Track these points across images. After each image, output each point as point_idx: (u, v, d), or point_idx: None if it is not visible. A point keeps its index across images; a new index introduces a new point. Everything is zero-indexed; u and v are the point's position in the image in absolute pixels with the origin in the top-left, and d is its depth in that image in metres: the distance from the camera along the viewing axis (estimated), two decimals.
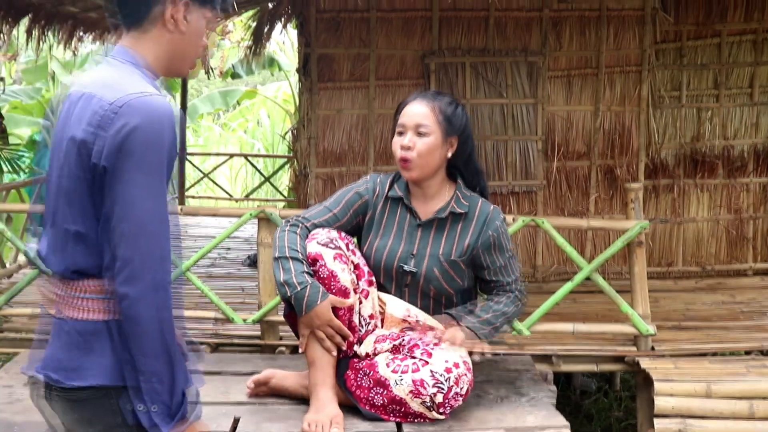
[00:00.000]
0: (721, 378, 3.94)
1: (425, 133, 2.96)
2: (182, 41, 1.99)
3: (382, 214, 3.10)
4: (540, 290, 6.00)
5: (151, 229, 1.83)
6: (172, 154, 1.88)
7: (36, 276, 4.48)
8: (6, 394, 3.24)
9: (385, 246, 3.05)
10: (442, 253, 3.02)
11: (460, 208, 3.04)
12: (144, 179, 1.82)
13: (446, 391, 2.78)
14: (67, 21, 7.83)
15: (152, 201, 1.83)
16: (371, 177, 3.18)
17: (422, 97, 3.05)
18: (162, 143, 1.83)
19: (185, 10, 1.96)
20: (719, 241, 6.59)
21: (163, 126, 1.83)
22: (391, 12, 6.20)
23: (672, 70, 6.47)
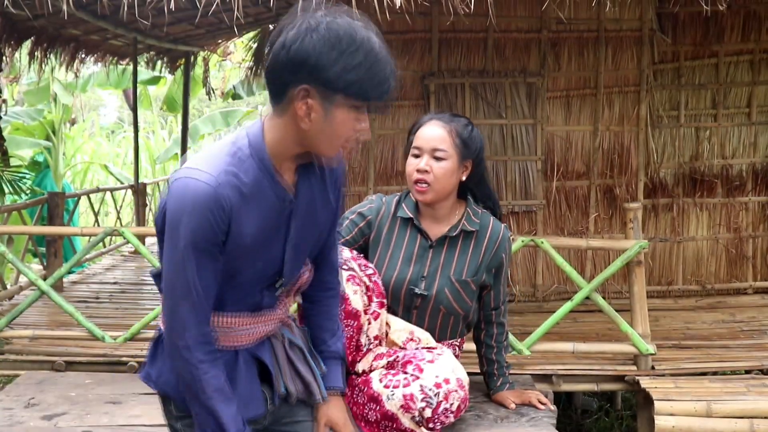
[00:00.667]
0: (721, 397, 3.94)
1: (442, 158, 2.92)
2: (314, 131, 1.97)
3: (390, 235, 3.08)
4: (540, 309, 6.03)
5: (171, 296, 2.01)
6: (206, 235, 1.95)
7: (37, 297, 4.50)
8: (6, 417, 3.24)
9: (394, 268, 3.03)
10: (453, 273, 3.02)
11: (471, 227, 3.03)
12: (169, 252, 1.99)
13: (435, 405, 2.75)
14: (69, 43, 7.90)
15: (175, 274, 1.98)
16: (376, 197, 3.16)
17: (438, 119, 3.00)
18: (179, 225, 1.94)
19: (309, 106, 1.93)
20: (719, 260, 6.60)
21: (183, 211, 1.93)
22: (390, 33, 6.23)
23: (670, 90, 6.51)
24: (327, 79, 1.89)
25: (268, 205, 2.04)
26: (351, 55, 1.89)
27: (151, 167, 16.36)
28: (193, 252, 1.96)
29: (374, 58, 1.92)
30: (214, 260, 1.99)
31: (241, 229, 2.01)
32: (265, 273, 2.14)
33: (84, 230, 4.84)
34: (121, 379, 3.93)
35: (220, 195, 1.93)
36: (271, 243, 2.10)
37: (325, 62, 1.88)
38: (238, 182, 1.97)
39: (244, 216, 2.00)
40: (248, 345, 2.19)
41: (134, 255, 8.76)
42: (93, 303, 6.19)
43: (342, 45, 1.89)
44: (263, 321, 2.20)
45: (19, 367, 4.37)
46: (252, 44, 9.01)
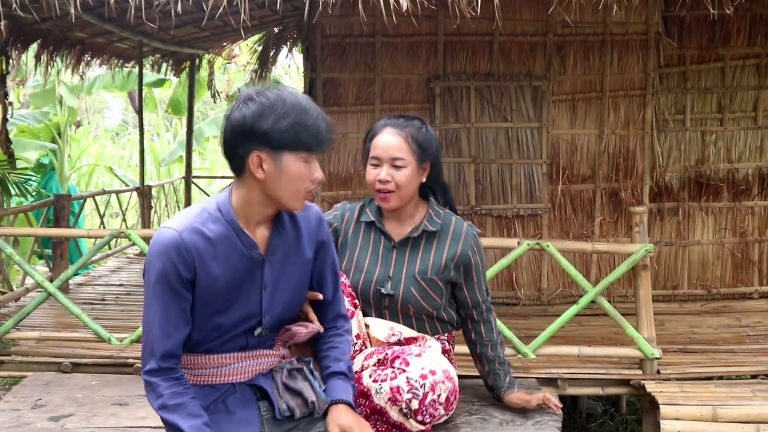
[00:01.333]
0: (727, 402, 3.93)
1: (401, 166, 2.94)
2: (272, 185, 2.29)
3: (355, 239, 3.10)
4: (545, 313, 6.03)
5: (143, 331, 2.32)
6: (176, 274, 2.26)
7: (43, 299, 4.51)
8: (14, 418, 3.25)
9: (361, 271, 3.06)
10: (418, 272, 3.04)
11: (433, 226, 3.05)
12: (145, 292, 2.31)
13: (421, 397, 2.75)
14: (75, 46, 7.92)
15: (150, 312, 2.28)
16: (341, 205, 3.19)
17: (392, 126, 2.99)
18: (150, 268, 2.28)
19: (259, 161, 2.25)
20: (724, 264, 6.59)
21: (156, 255, 2.26)
22: (396, 37, 6.26)
23: (676, 94, 6.51)
24: (270, 141, 2.23)
25: (236, 254, 2.33)
26: (283, 117, 2.22)
27: (156, 170, 16.38)
28: (157, 288, 2.26)
29: (305, 114, 2.25)
30: (180, 299, 2.28)
31: (209, 271, 2.29)
32: (245, 318, 2.40)
33: (90, 232, 4.85)
34: (126, 380, 3.93)
35: (184, 239, 2.25)
36: (247, 291, 2.38)
37: (264, 126, 2.22)
38: (203, 230, 2.29)
39: (212, 261, 2.29)
40: (245, 380, 2.45)
41: (140, 257, 8.77)
42: (99, 305, 6.20)
43: (275, 109, 2.23)
44: (255, 356, 2.46)
45: (26, 368, 4.38)
46: (257, 47, 9.02)
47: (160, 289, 2.26)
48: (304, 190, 2.32)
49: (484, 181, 6.32)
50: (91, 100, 21.32)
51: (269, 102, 2.24)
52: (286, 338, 2.54)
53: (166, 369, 2.27)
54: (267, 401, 2.47)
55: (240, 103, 2.27)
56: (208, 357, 2.41)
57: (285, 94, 2.27)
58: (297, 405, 2.45)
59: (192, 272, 2.27)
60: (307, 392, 2.47)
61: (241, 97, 2.29)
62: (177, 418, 2.24)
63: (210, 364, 2.41)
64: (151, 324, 2.28)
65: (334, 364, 2.57)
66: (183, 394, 2.28)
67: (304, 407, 2.46)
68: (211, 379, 2.42)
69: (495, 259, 6.05)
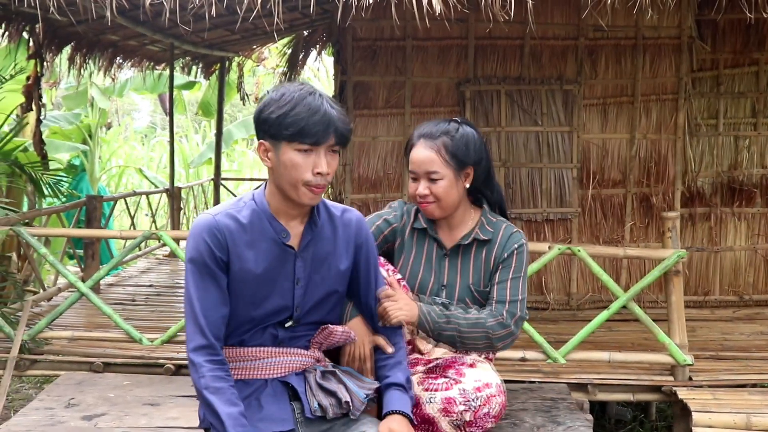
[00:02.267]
0: (761, 410, 3.89)
1: (437, 179, 2.90)
2: (276, 174, 2.40)
3: (411, 242, 3.07)
4: (574, 318, 5.99)
5: (187, 316, 2.40)
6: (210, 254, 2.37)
7: (76, 299, 4.56)
8: (48, 416, 3.28)
9: (415, 278, 3.03)
10: (472, 283, 2.99)
11: (485, 235, 2.98)
12: (185, 275, 2.41)
13: (475, 410, 2.73)
14: (107, 49, 7.99)
15: (189, 293, 2.39)
16: (398, 204, 3.14)
17: (425, 138, 2.94)
18: (187, 250, 2.41)
19: (263, 149, 2.40)
20: (757, 271, 6.52)
21: (192, 237, 2.40)
22: (426, 40, 6.26)
23: (709, 98, 6.45)
24: (269, 131, 2.36)
25: (267, 240, 2.42)
26: (282, 108, 2.32)
27: (185, 171, 16.50)
28: (194, 268, 2.38)
29: (302, 106, 2.32)
30: (216, 278, 2.38)
31: (242, 254, 2.39)
32: (277, 310, 2.47)
33: (123, 233, 4.89)
34: (158, 380, 3.96)
35: (217, 222, 2.39)
36: (280, 284, 2.45)
37: (266, 117, 2.35)
38: (237, 216, 2.41)
39: (245, 245, 2.39)
40: (278, 376, 2.48)
41: (169, 258, 8.84)
42: (129, 305, 6.25)
43: (278, 102, 2.34)
44: (289, 354, 2.51)
45: (58, 367, 4.43)
46: (286, 50, 9.05)
47: (195, 268, 2.37)
48: (302, 182, 2.36)
49: (514, 185, 6.30)
50: (121, 102, 21.55)
51: (276, 95, 2.37)
52: (322, 338, 2.56)
53: (208, 347, 2.34)
54: (299, 402, 2.49)
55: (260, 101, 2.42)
56: (241, 349, 2.46)
57: (292, 88, 2.37)
58: (330, 404, 2.46)
59: (225, 253, 2.38)
60: (341, 392, 2.47)
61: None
62: (216, 401, 2.29)
63: (244, 357, 2.46)
64: (191, 304, 2.37)
65: (392, 374, 2.59)
66: (224, 379, 2.33)
67: (337, 407, 2.47)
68: (245, 373, 2.46)
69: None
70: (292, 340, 2.52)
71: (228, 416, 2.27)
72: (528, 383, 4.01)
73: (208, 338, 2.34)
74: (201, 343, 2.34)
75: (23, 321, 4.45)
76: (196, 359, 2.33)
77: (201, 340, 2.34)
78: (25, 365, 4.46)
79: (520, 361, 4.27)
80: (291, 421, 2.45)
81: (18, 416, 3.30)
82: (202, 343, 2.34)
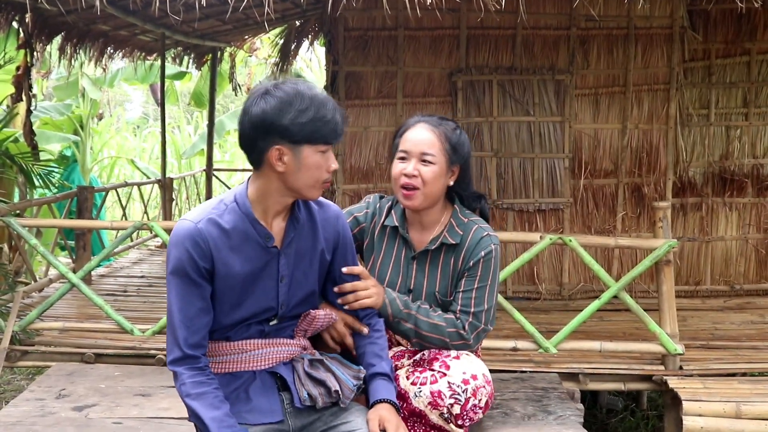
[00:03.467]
0: (750, 399, 3.90)
1: (430, 162, 2.80)
2: (291, 178, 2.34)
3: (381, 242, 2.99)
4: (566, 308, 6.01)
5: (168, 325, 2.37)
6: (193, 263, 2.32)
7: (67, 290, 4.55)
8: (39, 407, 3.28)
9: (383, 278, 2.95)
10: (438, 290, 2.92)
11: (453, 239, 2.87)
12: (170, 280, 2.36)
13: (463, 402, 2.74)
14: (98, 39, 7.96)
15: (170, 302, 2.35)
16: (373, 200, 3.05)
17: (426, 122, 2.87)
18: (168, 259, 2.36)
19: (279, 154, 2.31)
20: (748, 260, 6.54)
21: (174, 245, 2.34)
22: (418, 30, 6.24)
23: (700, 89, 6.46)
24: (291, 136, 2.28)
25: (251, 244, 2.39)
26: (304, 111, 2.28)
27: (177, 162, 16.46)
28: (176, 278, 2.33)
29: (324, 108, 2.30)
30: (198, 288, 2.34)
31: (226, 261, 2.35)
32: (261, 310, 2.45)
33: (114, 224, 4.88)
34: (149, 371, 3.95)
35: (199, 229, 2.32)
36: (264, 283, 2.43)
37: (284, 121, 2.27)
38: (219, 221, 2.35)
39: (228, 251, 2.36)
40: (265, 367, 2.48)
41: (161, 249, 8.83)
42: (121, 296, 6.24)
43: (295, 104, 2.27)
44: (275, 344, 2.50)
45: (49, 358, 4.42)
46: (278, 40, 9.03)
47: (178, 278, 2.33)
48: (321, 180, 2.38)
49: (505, 176, 6.30)
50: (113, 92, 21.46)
51: (288, 96, 2.28)
52: (306, 325, 2.56)
53: (188, 358, 2.32)
54: (288, 392, 2.48)
55: (257, 98, 2.30)
56: (227, 344, 2.45)
57: (302, 88, 2.31)
58: (320, 394, 2.46)
59: (209, 262, 2.33)
60: (330, 381, 2.47)
61: (258, 91, 2.32)
62: (199, 407, 2.28)
63: (230, 351, 2.45)
64: (171, 314, 2.34)
65: (377, 363, 2.60)
66: (205, 383, 2.31)
67: (327, 396, 2.47)
68: (232, 366, 2.45)
69: (516, 254, 6.05)
70: (279, 331, 2.52)
71: (212, 420, 2.27)
72: (519, 373, 4.01)
73: (185, 351, 2.32)
74: (179, 356, 2.33)
75: (14, 312, 4.44)
76: (176, 369, 2.33)
77: (179, 353, 2.32)
78: (16, 356, 4.44)
79: (512, 350, 4.28)
80: (280, 412, 2.45)
81: (9, 407, 3.30)
82: (179, 356, 2.33)
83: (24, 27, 6.49)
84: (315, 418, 2.49)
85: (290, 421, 2.46)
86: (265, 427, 2.41)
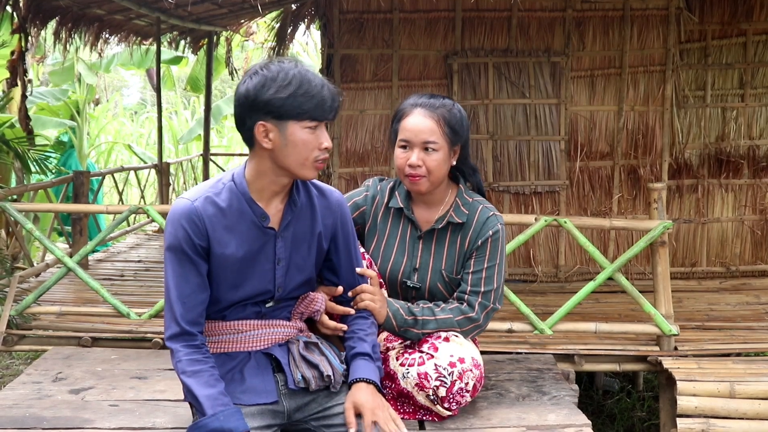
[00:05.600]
0: (744, 378, 3.92)
1: (433, 149, 2.82)
2: (280, 155, 2.36)
3: (384, 224, 3.01)
4: (562, 290, 6.03)
5: (165, 302, 2.40)
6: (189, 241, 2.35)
7: (63, 275, 4.55)
8: (35, 390, 3.29)
9: (388, 259, 2.97)
10: (444, 268, 2.94)
11: (459, 218, 2.90)
12: (166, 256, 2.39)
13: (449, 385, 2.75)
14: (93, 23, 7.93)
15: (167, 279, 2.38)
16: (372, 183, 3.07)
17: (423, 107, 2.85)
18: (165, 236, 2.39)
19: (265, 130, 2.33)
20: (744, 242, 6.55)
21: (170, 223, 2.37)
22: (414, 13, 6.23)
23: (696, 70, 6.45)
24: (274, 111, 2.30)
25: (246, 223, 2.40)
26: (285, 87, 2.29)
27: (174, 147, 16.43)
28: (172, 255, 2.36)
29: (307, 84, 2.31)
30: (194, 265, 2.36)
31: (222, 240, 2.37)
32: (258, 292, 2.47)
33: (110, 208, 4.87)
34: (145, 354, 3.96)
35: (195, 207, 2.35)
36: (261, 266, 2.44)
37: (267, 97, 2.29)
38: (215, 200, 2.38)
39: (223, 229, 2.37)
40: (261, 348, 2.50)
41: (158, 234, 8.83)
42: (118, 280, 6.25)
43: (277, 80, 2.30)
44: (271, 326, 2.51)
45: (46, 342, 4.42)
46: (274, 24, 8.99)
47: (174, 255, 2.37)
48: (312, 159, 2.38)
49: (501, 158, 6.30)
50: (110, 78, 21.40)
51: (271, 74, 2.32)
52: (303, 308, 2.58)
53: (184, 334, 2.35)
54: (283, 373, 2.51)
55: (246, 77, 2.35)
56: (223, 323, 2.47)
57: (287, 66, 2.33)
58: (313, 377, 2.48)
59: (205, 240, 2.35)
60: (323, 366, 2.49)
61: (248, 72, 2.37)
62: (194, 384, 2.31)
63: (226, 331, 2.47)
64: (168, 290, 2.37)
65: (358, 345, 2.60)
66: (201, 362, 2.34)
67: (320, 380, 2.49)
68: (228, 346, 2.47)
69: (512, 236, 6.03)
70: (275, 312, 2.54)
71: (206, 398, 2.29)
72: (515, 354, 4.03)
73: (182, 326, 2.35)
74: (176, 332, 2.36)
75: (10, 296, 4.45)
76: (172, 346, 2.36)
77: (176, 329, 2.35)
78: (13, 340, 4.45)
79: (507, 332, 4.29)
80: (275, 393, 2.47)
81: (5, 390, 3.31)
82: (176, 332, 2.36)
83: (18, 11, 6.47)
84: (309, 399, 2.51)
85: (284, 402, 2.48)
86: (260, 408, 2.43)
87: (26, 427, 2.88)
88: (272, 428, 2.45)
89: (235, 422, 2.29)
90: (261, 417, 2.42)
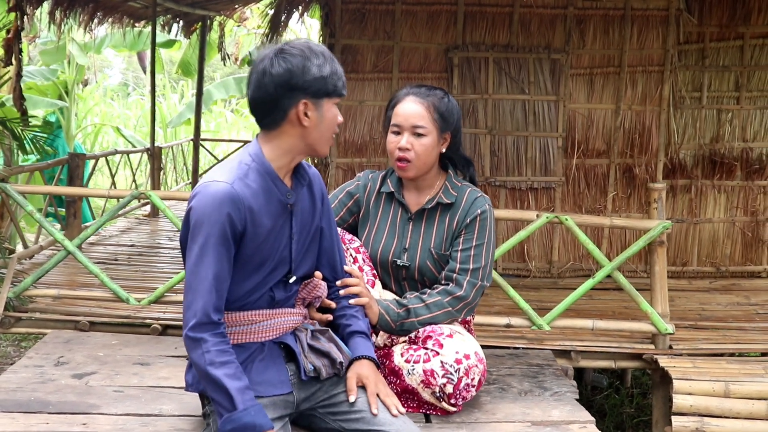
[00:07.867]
0: (739, 378, 3.97)
1: (422, 134, 2.94)
2: (313, 131, 2.40)
3: (376, 210, 3.12)
4: (555, 286, 6.07)
5: (190, 287, 2.30)
6: (231, 226, 2.29)
7: (63, 258, 4.53)
8: (38, 374, 3.28)
9: (379, 242, 3.07)
10: (433, 246, 3.02)
11: (448, 198, 3.02)
12: (194, 247, 2.30)
13: (456, 382, 2.79)
14: (88, 4, 7.87)
15: (203, 267, 2.28)
16: (364, 174, 3.20)
17: (415, 95, 2.98)
18: (205, 222, 2.28)
19: (306, 109, 2.35)
20: (734, 243, 6.62)
21: (211, 207, 2.27)
22: (416, 5, 6.23)
23: (694, 71, 6.50)
24: (315, 90, 2.34)
25: (274, 203, 2.40)
26: (323, 66, 2.34)
27: (163, 131, 16.34)
28: (216, 243, 2.28)
29: (334, 62, 2.39)
30: (230, 252, 2.32)
31: (257, 221, 2.35)
32: (277, 268, 2.46)
33: (111, 192, 4.85)
34: (145, 340, 3.96)
35: (237, 191, 2.29)
36: (279, 239, 2.44)
37: (308, 76, 2.32)
38: (247, 182, 2.34)
39: (257, 212, 2.35)
40: (273, 338, 2.49)
41: (148, 218, 8.81)
42: (111, 265, 6.22)
43: (314, 59, 2.33)
44: (282, 315, 2.51)
45: (43, 325, 4.39)
46: (268, 11, 8.95)
47: (217, 242, 2.28)
48: (332, 135, 2.48)
49: (499, 153, 6.33)
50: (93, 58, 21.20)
51: (305, 53, 2.34)
52: (306, 293, 2.60)
53: (214, 323, 2.28)
54: (293, 363, 2.51)
55: (274, 58, 2.33)
56: (240, 314, 2.45)
57: (312, 45, 2.40)
58: (323, 365, 2.50)
59: (243, 224, 2.32)
60: (334, 352, 2.52)
61: (269, 53, 2.35)
62: (223, 376, 2.24)
63: (241, 321, 2.46)
64: (203, 279, 2.27)
65: (353, 323, 2.65)
66: (228, 352, 2.29)
67: (330, 368, 2.51)
68: (241, 337, 2.46)
69: (508, 232, 6.11)
70: (287, 300, 2.54)
71: (237, 391, 2.24)
72: (513, 349, 4.06)
73: (210, 315, 2.27)
74: (203, 320, 2.26)
75: (8, 278, 4.42)
76: (199, 335, 2.26)
77: (203, 318, 2.26)
78: (10, 323, 4.42)
79: (505, 327, 4.32)
80: (289, 384, 2.48)
81: (8, 373, 3.30)
82: (204, 320, 2.27)
83: None
84: (317, 389, 2.53)
85: (295, 392, 2.50)
86: (273, 399, 2.44)
87: (32, 411, 2.88)
88: (284, 419, 2.46)
89: (263, 418, 2.27)
90: (274, 408, 2.43)
